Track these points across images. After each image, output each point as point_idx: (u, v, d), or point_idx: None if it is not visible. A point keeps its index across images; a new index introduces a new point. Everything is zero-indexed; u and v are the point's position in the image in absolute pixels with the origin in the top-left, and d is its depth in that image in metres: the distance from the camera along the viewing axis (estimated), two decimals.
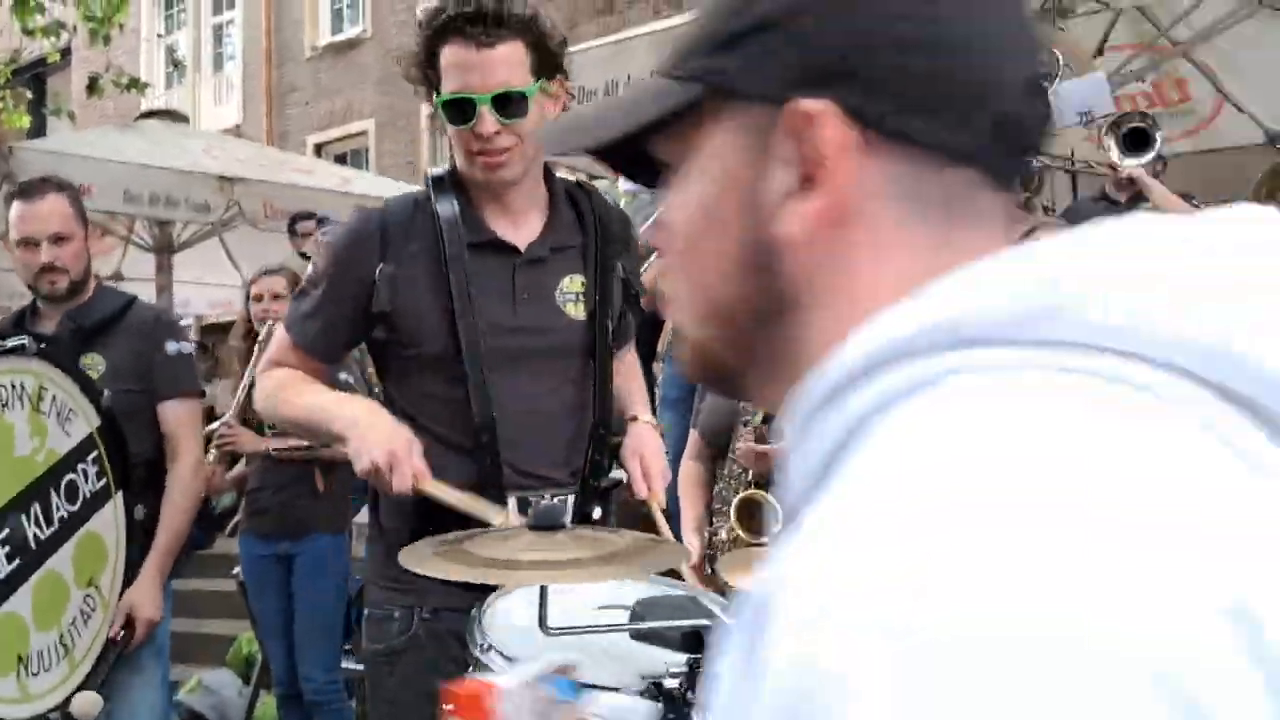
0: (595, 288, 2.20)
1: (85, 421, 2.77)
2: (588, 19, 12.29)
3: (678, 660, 1.51)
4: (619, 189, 6.57)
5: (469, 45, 2.03)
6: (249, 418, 4.29)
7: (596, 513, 2.18)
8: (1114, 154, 4.74)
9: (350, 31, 15.44)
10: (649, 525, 2.38)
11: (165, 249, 9.23)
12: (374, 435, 1.95)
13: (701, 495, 3.12)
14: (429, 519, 1.94)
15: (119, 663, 2.83)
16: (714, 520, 2.94)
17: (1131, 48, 6.73)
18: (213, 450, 4.21)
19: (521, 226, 2.19)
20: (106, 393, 2.80)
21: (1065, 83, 5.03)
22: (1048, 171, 5.67)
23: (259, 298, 4.51)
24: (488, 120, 2.03)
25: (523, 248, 2.17)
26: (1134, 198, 4.83)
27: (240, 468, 4.50)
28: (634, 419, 2.28)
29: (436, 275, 2.11)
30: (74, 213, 3.06)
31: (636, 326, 2.46)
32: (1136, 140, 4.75)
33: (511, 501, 2.06)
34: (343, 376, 3.51)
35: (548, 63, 2.09)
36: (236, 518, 8.35)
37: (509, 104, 2.04)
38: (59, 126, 11.80)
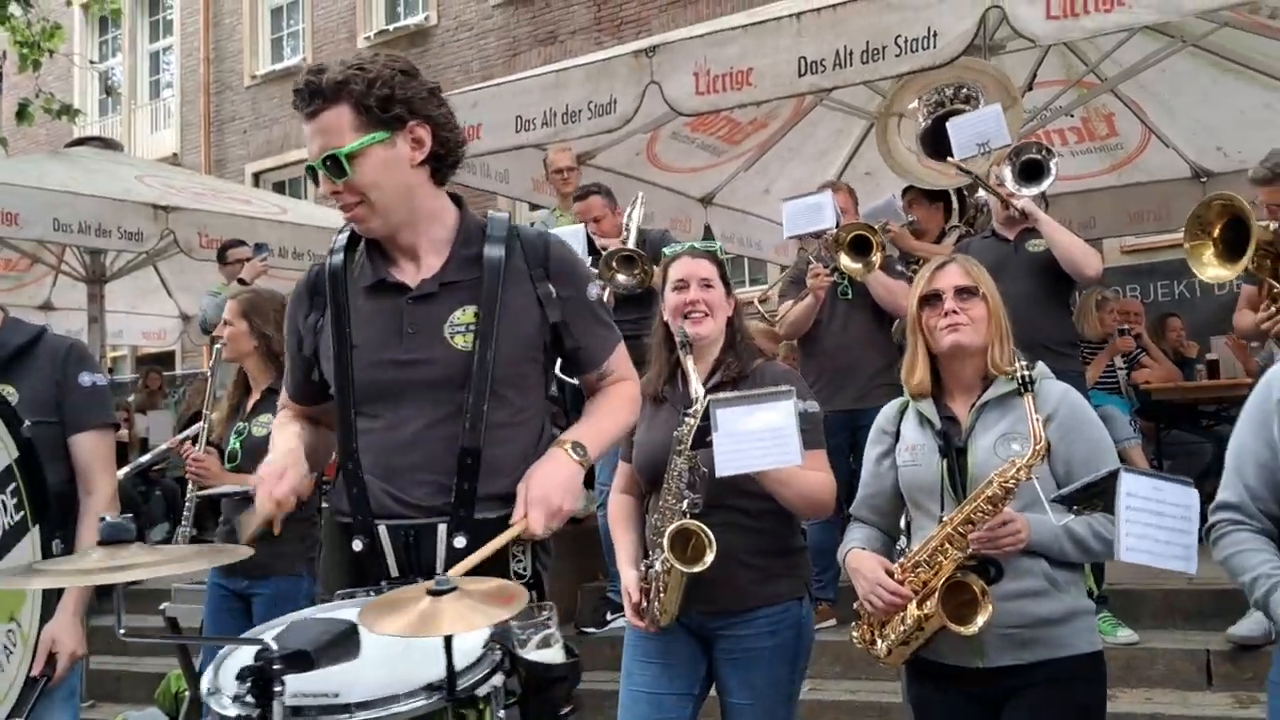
0: (483, 320, 2.22)
1: (4, 452, 2.69)
2: (528, 48, 12.34)
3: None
4: (557, 217, 6.59)
5: (303, 118, 2.20)
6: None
7: (460, 542, 2.15)
8: (1009, 184, 4.85)
9: (290, 60, 15.33)
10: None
11: (97, 278, 9.05)
12: (264, 468, 2.17)
13: (633, 527, 3.08)
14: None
15: (38, 700, 2.75)
16: (650, 553, 2.92)
17: (1060, 83, 6.89)
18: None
19: (420, 266, 2.28)
20: (27, 423, 2.73)
21: (963, 116, 5.16)
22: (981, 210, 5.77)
23: (228, 322, 4.43)
24: (324, 182, 2.20)
25: (414, 285, 2.26)
26: (1024, 233, 4.91)
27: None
28: (558, 443, 2.25)
29: (333, 319, 2.29)
30: None
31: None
32: (1032, 171, 4.85)
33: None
34: None
35: (385, 112, 2.17)
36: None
37: (334, 165, 2.17)
38: None
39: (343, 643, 1.65)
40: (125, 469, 6.55)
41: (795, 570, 3.01)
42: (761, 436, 2.62)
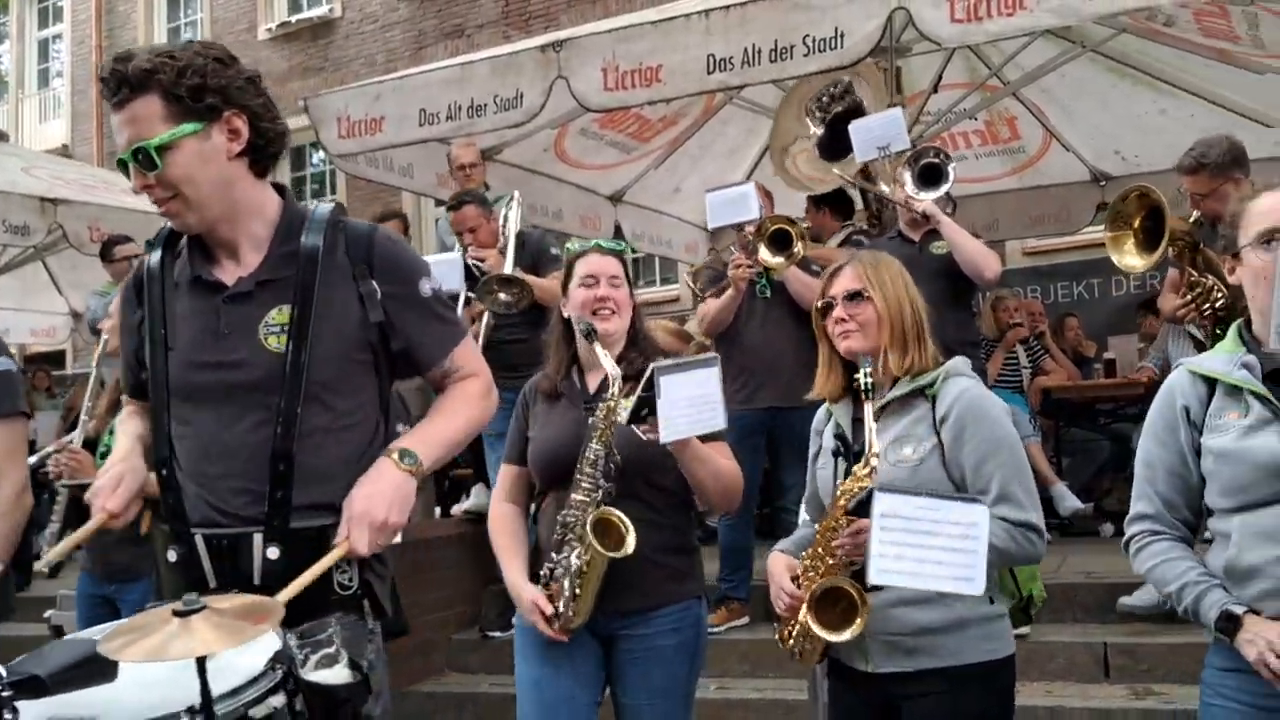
0: (296, 319, 2.12)
1: None
2: (434, 41, 12.18)
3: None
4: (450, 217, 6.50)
5: (112, 108, 2.09)
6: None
7: (273, 552, 2.07)
8: (909, 187, 4.91)
9: None
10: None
11: None
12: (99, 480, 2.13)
13: (521, 539, 3.02)
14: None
15: None
16: (562, 549, 2.86)
17: (964, 86, 6.99)
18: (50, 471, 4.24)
19: (240, 262, 2.19)
20: None
21: (863, 119, 5.25)
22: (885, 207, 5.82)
23: (110, 316, 4.32)
24: (135, 176, 2.10)
25: (231, 284, 2.17)
26: (928, 235, 4.98)
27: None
28: (387, 451, 2.15)
29: (149, 319, 2.22)
30: None
31: None
32: (930, 175, 4.91)
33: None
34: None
35: (196, 102, 2.06)
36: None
37: (143, 158, 2.07)
38: None
39: (90, 667, 1.60)
40: None
41: (695, 568, 3.02)
42: (692, 402, 2.64)
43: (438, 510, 6.81)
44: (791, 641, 2.59)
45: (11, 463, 2.89)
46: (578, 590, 2.80)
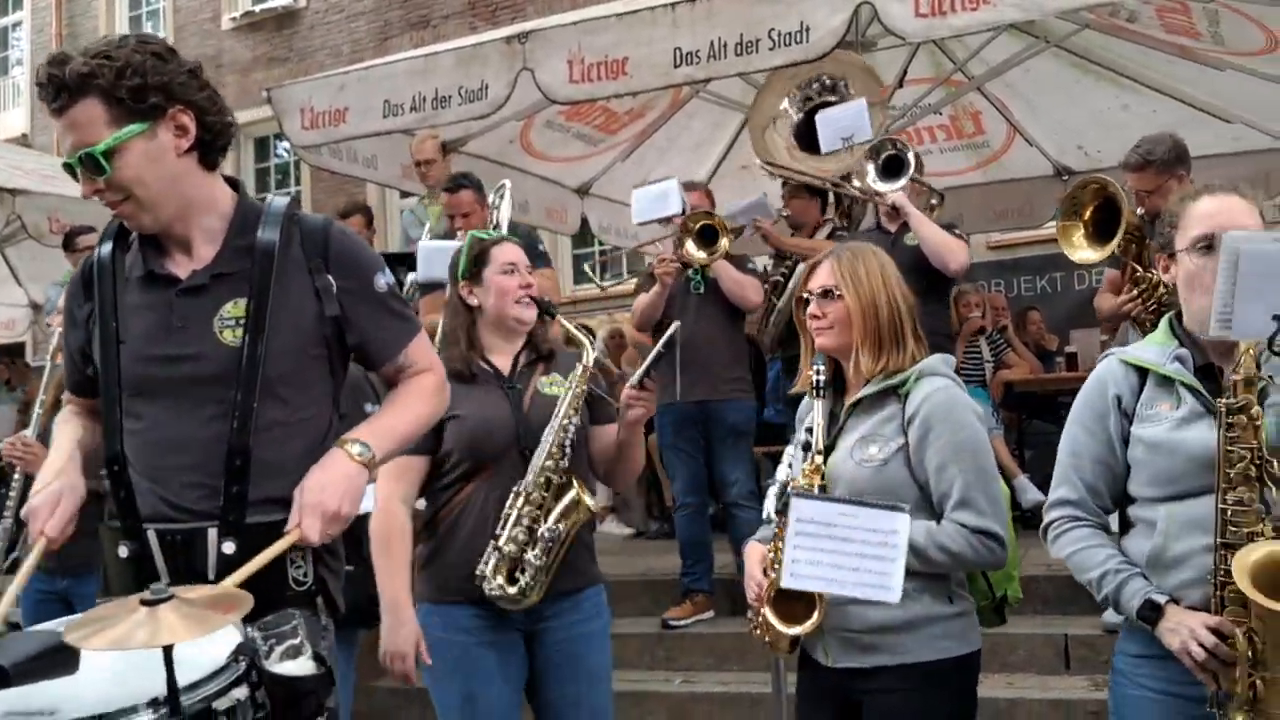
0: (252, 313, 2.11)
1: None
2: (400, 32, 12.11)
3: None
4: (425, 207, 6.46)
5: (51, 114, 2.05)
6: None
7: (229, 547, 2.05)
8: (870, 179, 4.94)
9: None
10: None
11: None
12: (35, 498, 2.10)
13: (409, 552, 2.95)
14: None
15: None
16: (518, 523, 2.86)
17: (929, 80, 7.02)
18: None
19: (193, 256, 2.17)
20: None
21: (827, 110, 5.30)
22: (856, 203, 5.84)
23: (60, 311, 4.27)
24: (84, 182, 2.06)
25: (185, 277, 2.14)
26: (904, 226, 5.01)
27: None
28: (339, 443, 2.13)
29: (100, 312, 2.18)
30: None
31: None
32: (893, 167, 4.93)
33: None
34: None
35: (139, 102, 2.02)
36: (14, 554, 7.83)
37: (89, 163, 2.03)
38: None
39: (53, 658, 1.57)
40: None
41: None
42: None
43: None
44: (759, 631, 2.59)
45: None
46: (542, 564, 2.84)
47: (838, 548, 2.30)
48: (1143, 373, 2.29)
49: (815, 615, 2.39)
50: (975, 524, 2.42)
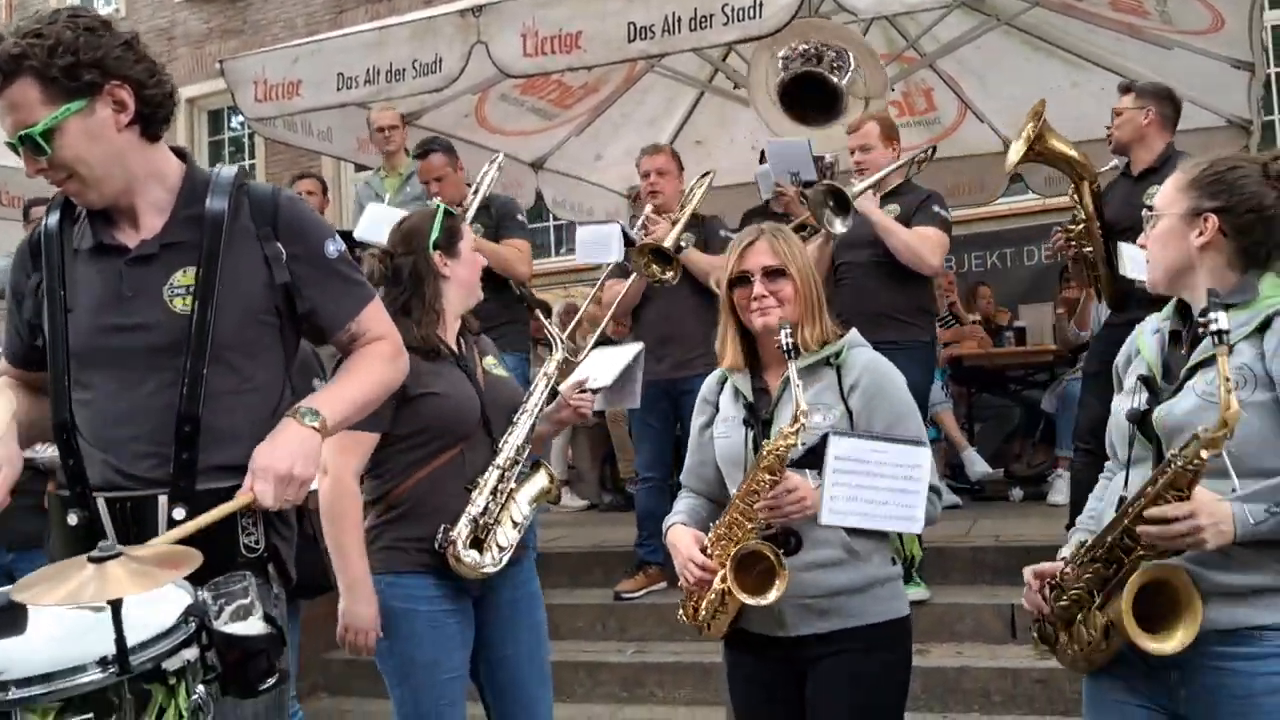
0: (202, 281, 2.11)
1: None
2: (355, 4, 11.96)
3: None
4: (381, 179, 6.44)
5: None
6: None
7: (179, 513, 2.05)
8: (837, 227, 4.72)
9: (103, 10, 14.50)
10: None
11: None
12: None
13: (359, 515, 2.93)
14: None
15: None
16: (494, 495, 2.95)
17: (882, 57, 7.03)
18: None
19: (141, 227, 2.17)
20: None
21: (779, 141, 5.39)
22: None
23: None
24: (27, 162, 2.06)
25: (134, 247, 2.14)
26: (883, 201, 4.98)
27: None
28: (291, 411, 2.13)
29: (47, 282, 2.17)
30: None
31: None
32: (842, 202, 4.79)
33: None
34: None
35: (74, 80, 2.01)
36: None
37: (30, 143, 2.03)
38: None
39: (2, 618, 1.60)
40: None
41: None
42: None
43: None
44: (703, 613, 2.62)
45: None
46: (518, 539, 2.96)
47: (871, 483, 2.37)
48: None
49: (779, 582, 2.43)
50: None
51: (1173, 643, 2.01)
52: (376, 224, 4.72)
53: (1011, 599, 4.74)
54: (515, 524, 2.95)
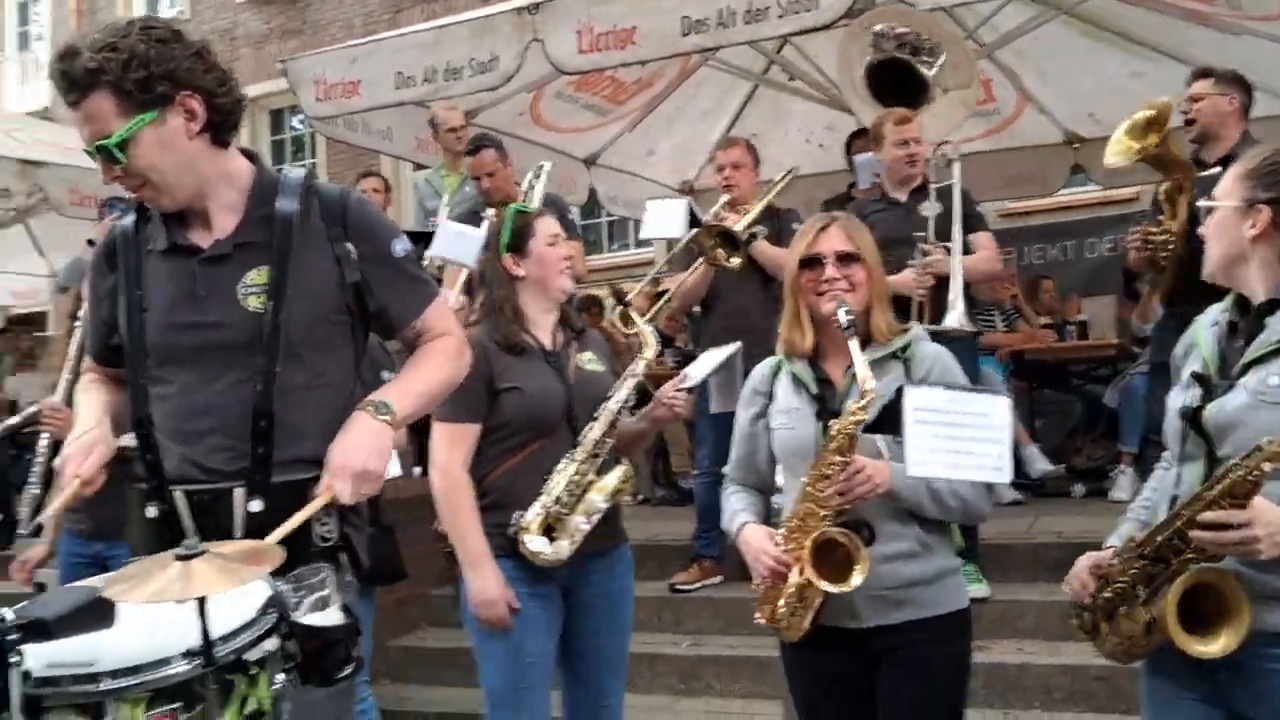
0: (275, 280, 2.18)
1: None
2: (412, 4, 12.09)
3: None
4: (441, 177, 6.49)
5: (68, 107, 2.12)
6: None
7: (255, 505, 2.13)
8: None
9: (168, 12, 14.77)
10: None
11: None
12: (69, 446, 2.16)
13: (472, 501, 3.08)
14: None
15: None
16: (576, 486, 3.03)
17: None
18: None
19: (214, 228, 2.23)
20: None
21: (861, 156, 5.50)
22: None
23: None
24: (103, 170, 2.14)
25: (207, 247, 2.21)
26: (915, 193, 4.92)
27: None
28: (362, 405, 2.20)
29: (124, 282, 2.26)
30: None
31: None
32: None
33: None
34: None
35: (147, 92, 2.08)
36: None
37: (106, 153, 2.10)
38: None
39: (92, 611, 1.65)
40: None
41: None
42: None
43: (416, 470, 6.85)
44: (781, 611, 2.59)
45: None
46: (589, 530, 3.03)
47: (952, 433, 2.34)
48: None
49: (859, 568, 2.42)
50: None
51: (1217, 646, 1.99)
52: (451, 242, 4.80)
53: None
54: (589, 515, 3.03)
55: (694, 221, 5.16)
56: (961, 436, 2.35)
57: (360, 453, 2.10)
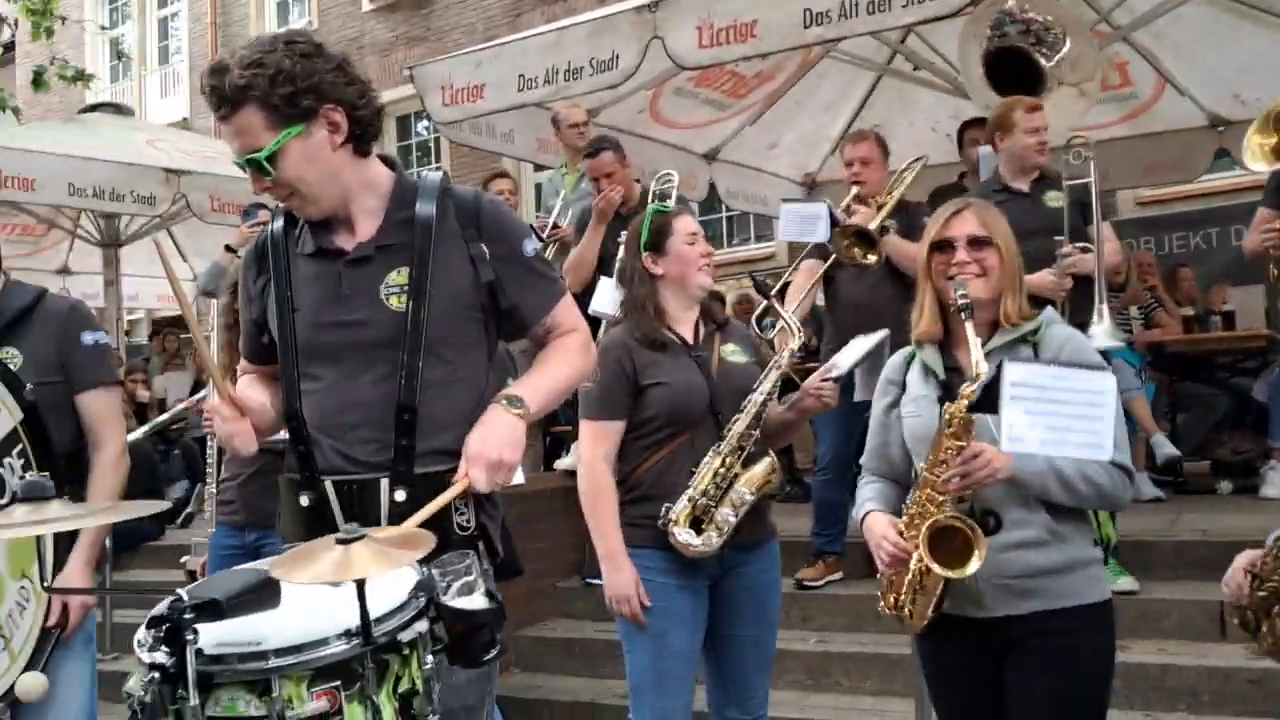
0: (415, 280, 2.26)
1: (8, 415, 2.72)
2: (532, 7, 12.23)
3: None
4: (562, 175, 6.56)
5: (218, 120, 2.23)
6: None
7: (400, 495, 2.22)
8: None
9: (297, 23, 15.27)
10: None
11: (112, 242, 9.16)
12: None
13: (613, 497, 3.16)
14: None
15: (55, 649, 2.82)
16: (721, 481, 3.05)
17: None
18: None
19: (357, 232, 2.33)
20: (29, 385, 2.76)
21: (984, 148, 5.33)
22: None
23: None
24: (253, 181, 2.26)
25: (351, 250, 2.30)
26: (1038, 183, 4.81)
27: None
28: (496, 399, 2.27)
29: (275, 284, 2.37)
30: None
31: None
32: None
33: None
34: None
35: (293, 106, 2.17)
36: (189, 509, 8.30)
37: (255, 166, 2.21)
38: (3, 121, 11.62)
39: (260, 592, 1.70)
40: (143, 428, 6.66)
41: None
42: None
43: (543, 466, 6.96)
44: (903, 596, 2.59)
45: (112, 426, 3.11)
46: (735, 522, 3.06)
47: (1053, 410, 2.30)
48: None
49: (977, 554, 2.38)
50: (1116, 459, 2.43)
51: None
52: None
53: (1219, 596, 4.50)
54: (736, 508, 3.06)
55: (833, 223, 5.11)
56: (1062, 413, 2.30)
57: (495, 443, 2.17)
